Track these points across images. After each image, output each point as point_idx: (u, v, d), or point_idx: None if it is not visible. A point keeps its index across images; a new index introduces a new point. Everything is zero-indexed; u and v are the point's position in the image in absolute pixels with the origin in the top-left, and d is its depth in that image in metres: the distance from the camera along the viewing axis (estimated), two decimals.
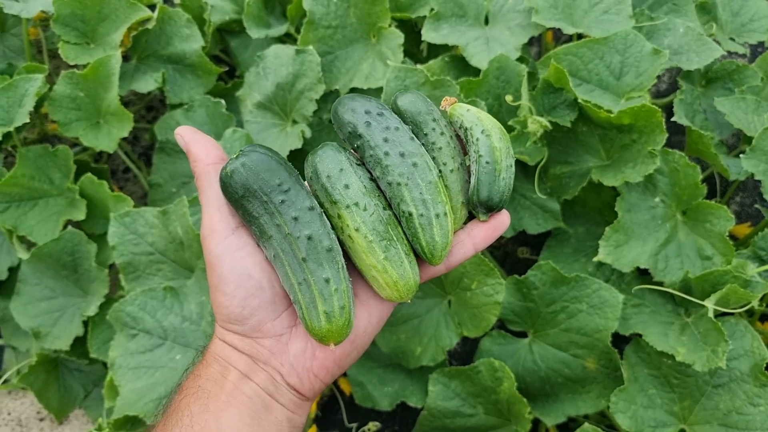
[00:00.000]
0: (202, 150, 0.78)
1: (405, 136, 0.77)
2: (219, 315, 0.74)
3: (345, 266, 0.73)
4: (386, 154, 0.76)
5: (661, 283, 1.62)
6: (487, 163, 0.78)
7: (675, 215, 1.68)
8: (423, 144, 0.80)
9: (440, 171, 0.79)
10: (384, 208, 0.75)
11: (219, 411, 0.69)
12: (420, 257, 0.77)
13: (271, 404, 0.72)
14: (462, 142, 0.85)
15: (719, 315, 1.53)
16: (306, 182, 0.80)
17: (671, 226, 1.66)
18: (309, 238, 0.71)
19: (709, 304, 1.47)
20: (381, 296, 0.76)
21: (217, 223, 0.74)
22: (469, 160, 0.82)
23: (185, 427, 0.68)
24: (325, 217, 0.74)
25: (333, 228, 0.75)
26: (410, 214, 0.74)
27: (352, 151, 0.82)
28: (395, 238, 0.74)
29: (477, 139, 0.79)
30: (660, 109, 1.55)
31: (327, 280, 0.70)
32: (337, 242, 0.74)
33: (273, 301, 0.74)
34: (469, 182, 0.81)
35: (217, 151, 0.79)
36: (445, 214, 0.75)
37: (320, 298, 0.70)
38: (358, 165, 0.78)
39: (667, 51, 1.70)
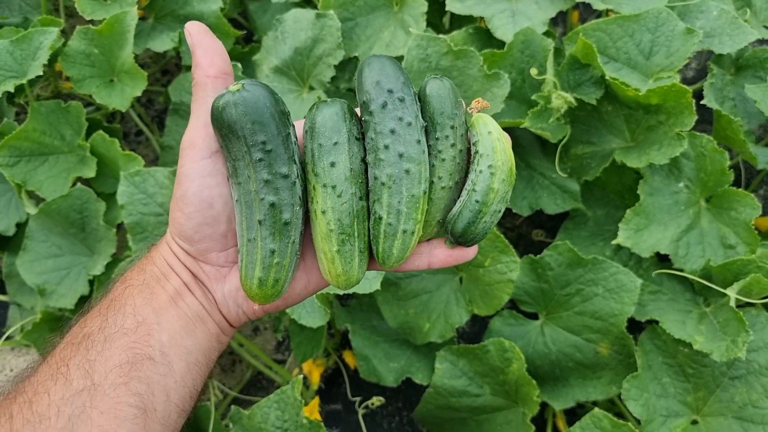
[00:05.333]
0: (206, 58, 0.74)
1: (413, 136, 0.72)
2: (172, 227, 0.75)
3: (298, 241, 0.72)
4: (386, 147, 0.71)
5: (681, 270, 1.57)
6: (476, 201, 0.73)
7: (699, 201, 1.62)
8: (430, 145, 0.75)
9: (432, 183, 0.75)
10: (360, 198, 0.73)
11: (160, 309, 0.72)
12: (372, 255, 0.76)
13: (205, 317, 0.75)
14: (470, 155, 0.79)
15: (739, 306, 1.48)
16: (301, 131, 0.76)
17: (694, 212, 1.61)
18: (272, 205, 0.69)
19: (732, 292, 1.43)
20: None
21: (199, 140, 0.73)
22: (467, 178, 0.77)
23: (128, 315, 0.71)
24: (297, 185, 0.71)
25: (305, 189, 0.73)
26: (380, 218, 0.72)
27: (357, 118, 0.76)
28: (356, 234, 0.72)
29: (480, 172, 0.74)
30: (690, 89, 1.49)
31: (272, 252, 0.70)
32: (301, 213, 0.72)
33: (225, 235, 0.74)
34: (456, 202, 0.77)
35: (221, 63, 0.75)
36: (413, 232, 0.72)
37: (260, 265, 0.70)
38: (357, 139, 0.74)
39: (700, 31, 1.64)
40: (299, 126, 0.77)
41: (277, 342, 2.10)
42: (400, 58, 1.76)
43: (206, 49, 0.74)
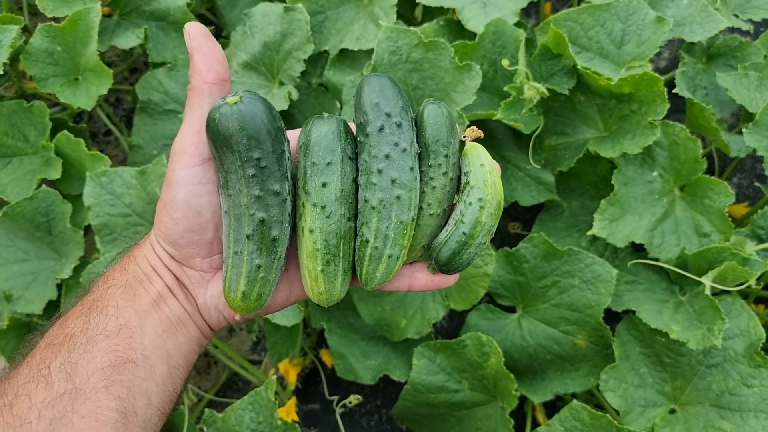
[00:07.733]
0: (204, 63, 0.73)
1: (407, 163, 0.72)
2: (158, 230, 0.74)
3: (284, 256, 0.73)
4: (379, 171, 0.72)
5: (656, 260, 1.57)
6: (463, 233, 0.74)
7: (673, 190, 1.62)
8: (422, 171, 0.75)
9: (421, 209, 0.75)
10: (348, 219, 0.73)
11: (143, 312, 0.72)
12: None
13: (186, 321, 0.76)
14: (459, 182, 0.79)
15: (715, 294, 1.48)
16: (295, 146, 0.76)
17: (668, 201, 1.61)
18: (261, 221, 0.70)
19: (707, 280, 1.42)
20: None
21: (191, 147, 0.72)
22: (456, 207, 0.77)
23: (110, 316, 0.70)
24: (288, 202, 0.71)
25: (295, 204, 0.73)
26: (366, 241, 0.72)
27: (352, 136, 0.76)
28: (341, 255, 0.73)
29: (470, 204, 0.74)
30: (662, 78, 1.49)
31: (258, 267, 0.71)
32: (289, 230, 0.73)
33: (211, 242, 0.74)
34: (442, 229, 0.77)
35: (219, 70, 0.74)
36: (398, 258, 0.73)
37: (245, 279, 0.71)
38: (351, 159, 0.74)
39: (670, 20, 1.63)
40: (294, 136, 0.77)
41: (252, 342, 2.07)
42: (370, 52, 1.74)
43: (205, 54, 0.74)
